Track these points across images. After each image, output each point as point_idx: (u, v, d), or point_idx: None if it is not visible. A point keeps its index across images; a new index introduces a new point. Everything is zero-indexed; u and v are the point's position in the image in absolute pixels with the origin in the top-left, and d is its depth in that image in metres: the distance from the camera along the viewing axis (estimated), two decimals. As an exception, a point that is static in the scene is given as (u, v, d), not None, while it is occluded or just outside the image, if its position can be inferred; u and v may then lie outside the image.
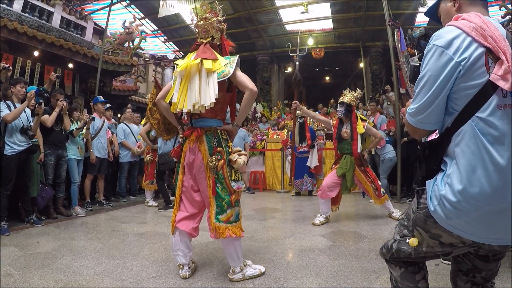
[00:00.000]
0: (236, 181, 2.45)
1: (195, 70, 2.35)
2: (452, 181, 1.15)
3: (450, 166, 1.18)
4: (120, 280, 2.48)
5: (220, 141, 2.47)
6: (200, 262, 2.88)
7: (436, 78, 1.17)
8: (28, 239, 3.58)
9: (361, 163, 4.49)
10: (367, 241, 3.51)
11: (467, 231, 1.17)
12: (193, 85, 2.32)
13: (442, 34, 1.19)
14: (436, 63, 1.18)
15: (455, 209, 1.14)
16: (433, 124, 1.27)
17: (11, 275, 2.51)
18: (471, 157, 1.11)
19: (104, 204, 5.84)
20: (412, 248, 1.34)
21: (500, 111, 1.10)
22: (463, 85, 1.15)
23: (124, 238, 3.70)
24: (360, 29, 11.66)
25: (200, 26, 2.58)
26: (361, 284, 2.39)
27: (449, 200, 1.15)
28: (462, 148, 1.14)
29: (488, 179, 1.08)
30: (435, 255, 1.35)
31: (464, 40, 1.14)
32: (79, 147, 5.22)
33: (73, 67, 8.90)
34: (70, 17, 9.80)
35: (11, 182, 3.91)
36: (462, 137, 1.15)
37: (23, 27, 7.21)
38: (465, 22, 1.18)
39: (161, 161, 5.55)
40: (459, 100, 1.17)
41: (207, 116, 2.46)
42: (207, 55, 2.38)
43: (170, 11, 9.95)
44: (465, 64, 1.12)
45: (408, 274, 1.43)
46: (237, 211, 2.49)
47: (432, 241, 1.29)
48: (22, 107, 3.98)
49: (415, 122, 1.29)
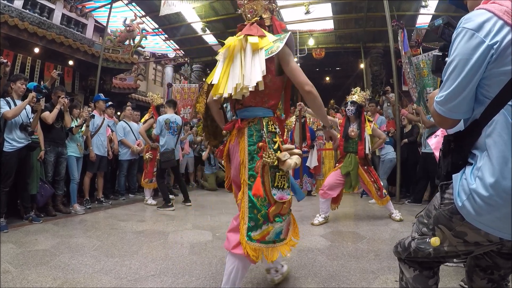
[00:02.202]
0: (279, 188, 1.89)
1: (239, 48, 1.98)
2: (483, 174, 1.09)
3: (481, 158, 1.12)
4: (119, 278, 2.48)
5: (264, 135, 1.93)
6: (199, 261, 2.88)
7: (466, 62, 1.10)
8: (27, 236, 3.57)
9: (365, 162, 4.50)
10: (366, 242, 3.51)
11: (496, 227, 1.11)
12: (236, 65, 1.94)
13: (472, 17, 1.12)
14: (466, 46, 1.10)
15: (487, 204, 1.08)
16: (464, 112, 1.18)
17: (9, 272, 2.51)
18: (503, 148, 1.05)
19: (103, 202, 5.83)
20: (432, 247, 1.28)
21: None
22: (495, 70, 1.08)
23: (123, 236, 3.69)
24: (361, 30, 11.64)
25: (246, 6, 2.26)
26: (359, 285, 2.40)
27: (480, 195, 1.08)
28: (495, 138, 1.08)
29: None
30: (456, 254, 1.29)
31: (495, 23, 1.07)
32: (78, 144, 5.22)
33: (73, 65, 8.90)
34: (71, 14, 9.79)
35: (10, 178, 3.91)
36: (494, 127, 1.09)
37: (24, 24, 7.21)
38: (496, 5, 1.10)
39: (163, 159, 5.55)
40: (491, 87, 1.10)
41: (251, 104, 1.99)
42: (253, 32, 2.02)
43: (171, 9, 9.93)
44: (497, 47, 1.05)
45: (422, 278, 1.38)
46: (278, 229, 1.88)
47: (456, 240, 1.23)
48: (23, 104, 3.97)
49: (444, 111, 1.20)
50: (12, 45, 7.36)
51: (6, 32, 6.89)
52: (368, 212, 5.13)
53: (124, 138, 6.42)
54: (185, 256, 3.04)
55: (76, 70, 9.22)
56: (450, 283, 2.40)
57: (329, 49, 12.98)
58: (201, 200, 6.55)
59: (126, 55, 10.00)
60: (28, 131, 4.05)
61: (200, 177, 9.13)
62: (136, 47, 10.36)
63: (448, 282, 2.42)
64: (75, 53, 8.55)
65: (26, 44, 7.56)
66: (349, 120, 4.60)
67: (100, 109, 5.94)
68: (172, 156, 5.57)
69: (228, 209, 5.54)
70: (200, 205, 5.93)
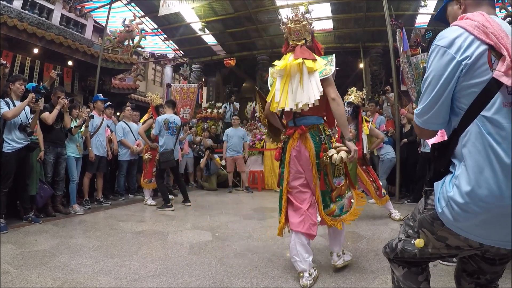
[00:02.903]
0: (337, 177, 2.54)
1: (296, 69, 2.43)
2: (460, 182, 1.13)
3: (459, 167, 1.17)
4: (118, 279, 2.48)
5: (325, 137, 2.53)
6: (199, 261, 2.88)
7: (439, 77, 1.17)
8: (26, 236, 3.57)
9: (364, 162, 4.50)
10: (365, 241, 3.52)
11: (475, 233, 1.15)
12: (295, 84, 2.41)
13: (445, 34, 1.20)
14: (439, 62, 1.18)
15: (463, 211, 1.12)
16: (439, 124, 1.27)
17: (9, 273, 2.51)
18: (478, 157, 1.10)
19: (103, 203, 5.83)
20: (417, 249, 1.33)
21: (506, 108, 1.08)
22: (466, 83, 1.14)
23: (123, 237, 3.69)
24: (360, 29, 11.64)
25: (292, 28, 2.67)
26: (359, 284, 2.40)
27: (457, 202, 1.13)
28: (469, 148, 1.13)
29: (496, 179, 1.06)
30: (441, 256, 1.34)
31: (466, 38, 1.14)
32: (78, 145, 5.22)
33: (72, 65, 8.88)
34: (70, 15, 9.78)
35: (9, 179, 3.90)
36: (468, 137, 1.14)
37: (23, 24, 7.19)
38: (467, 21, 1.18)
39: (162, 159, 5.54)
40: (464, 99, 1.16)
41: (309, 114, 2.49)
42: (307, 55, 2.46)
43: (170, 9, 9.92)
44: (467, 62, 1.12)
45: (411, 275, 1.42)
46: (341, 205, 2.54)
47: (439, 243, 1.28)
48: (22, 105, 3.96)
49: (421, 122, 1.30)
50: (11, 46, 7.35)
51: (5, 32, 6.88)
52: (368, 211, 5.13)
53: (124, 138, 6.41)
54: (185, 256, 3.04)
55: (75, 70, 9.20)
56: (450, 283, 2.40)
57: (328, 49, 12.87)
58: (200, 201, 6.55)
59: (125, 55, 9.99)
60: (27, 132, 4.05)
61: (199, 177, 9.12)
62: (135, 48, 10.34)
63: (448, 282, 2.42)
64: (74, 54, 8.54)
65: (25, 45, 7.54)
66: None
67: (99, 110, 5.94)
68: (171, 156, 5.57)
69: (228, 209, 5.54)
70: (199, 205, 5.93)
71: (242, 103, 12.48)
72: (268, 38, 12.75)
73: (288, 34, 2.74)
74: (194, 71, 14.66)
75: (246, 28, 12.05)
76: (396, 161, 6.06)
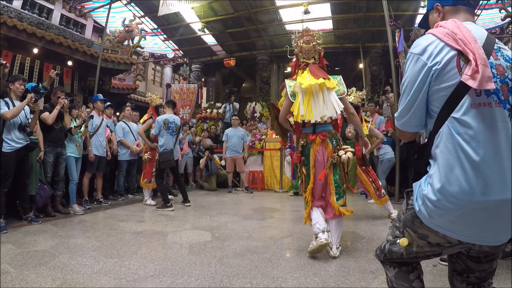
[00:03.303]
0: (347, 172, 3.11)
1: (318, 88, 3.00)
2: (433, 180, 1.20)
3: (433, 167, 1.23)
4: (118, 279, 2.47)
5: (338, 141, 3.14)
6: (198, 261, 2.88)
7: (413, 83, 1.25)
8: (26, 236, 3.57)
9: (363, 163, 4.50)
10: (365, 242, 3.52)
11: (451, 229, 1.20)
12: (319, 100, 3.00)
13: (419, 42, 1.28)
14: (413, 69, 1.26)
15: (436, 207, 1.18)
16: (415, 126, 1.35)
17: (8, 273, 2.51)
18: (448, 156, 1.16)
19: (102, 203, 5.83)
20: (403, 248, 1.37)
21: (474, 110, 1.14)
22: (437, 87, 1.21)
23: (122, 237, 3.69)
24: (360, 30, 11.64)
25: (304, 48, 3.21)
26: (359, 284, 2.40)
27: (430, 199, 1.19)
28: (441, 148, 1.20)
29: (466, 177, 1.11)
30: (426, 255, 1.37)
31: (437, 45, 1.22)
32: (77, 145, 5.21)
33: (72, 65, 8.88)
34: (69, 15, 9.78)
35: (9, 179, 3.90)
36: (440, 138, 1.20)
37: (23, 24, 7.19)
38: (440, 29, 1.26)
39: (161, 159, 5.54)
40: (436, 102, 1.23)
41: (328, 122, 3.10)
42: (324, 75, 3.06)
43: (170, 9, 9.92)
44: (437, 67, 1.19)
45: (402, 274, 1.45)
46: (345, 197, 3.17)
47: (421, 242, 1.32)
48: (22, 105, 3.96)
49: (400, 125, 1.38)
50: (11, 46, 7.34)
51: (5, 32, 6.87)
52: (367, 212, 5.14)
53: (124, 138, 6.41)
54: (184, 256, 3.04)
55: (75, 70, 9.20)
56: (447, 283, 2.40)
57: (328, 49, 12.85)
58: (200, 201, 6.55)
59: (125, 55, 9.99)
60: (26, 132, 4.05)
61: (199, 178, 9.12)
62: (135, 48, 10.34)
63: (446, 282, 2.41)
64: (74, 54, 8.53)
65: (25, 45, 7.54)
66: (345, 121, 4.61)
67: (98, 110, 5.94)
68: (171, 156, 5.57)
69: (227, 210, 5.54)
70: (199, 206, 5.93)
71: (241, 103, 12.49)
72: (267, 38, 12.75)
73: (299, 52, 3.24)
74: (194, 71, 14.66)
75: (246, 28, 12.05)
76: (396, 161, 6.06)
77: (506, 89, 1.16)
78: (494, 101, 1.14)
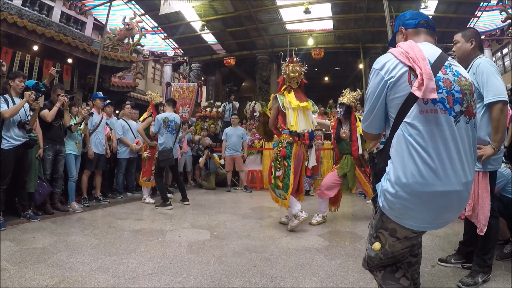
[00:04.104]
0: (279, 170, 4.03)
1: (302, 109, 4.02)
2: (390, 176, 1.41)
3: (389, 165, 1.44)
4: (116, 277, 2.47)
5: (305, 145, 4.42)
6: (197, 260, 2.88)
7: (374, 93, 1.49)
8: (24, 234, 3.57)
9: (361, 163, 4.50)
10: (364, 242, 3.52)
11: (411, 218, 1.39)
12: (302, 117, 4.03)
13: (380, 60, 1.50)
14: (374, 81, 1.49)
15: (396, 198, 1.38)
16: (376, 129, 1.59)
17: (6, 270, 2.50)
18: (402, 154, 1.38)
19: (101, 200, 5.82)
20: (378, 252, 1.52)
21: (422, 115, 1.35)
22: (392, 97, 1.43)
23: (121, 235, 3.69)
24: (360, 30, 11.66)
25: (291, 76, 4.05)
26: (357, 285, 2.40)
27: (390, 192, 1.40)
28: (395, 148, 1.41)
29: (417, 169, 1.33)
30: (401, 253, 1.54)
31: (393, 62, 1.43)
32: (77, 142, 5.21)
33: (72, 62, 8.88)
34: (70, 12, 9.77)
35: (8, 176, 3.89)
36: (395, 140, 1.42)
37: (23, 21, 7.18)
38: (397, 49, 1.47)
39: (161, 158, 5.54)
40: (392, 109, 1.45)
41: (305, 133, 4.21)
42: (305, 99, 4.07)
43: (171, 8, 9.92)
44: (392, 81, 1.41)
45: (388, 274, 1.56)
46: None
47: (392, 239, 1.48)
48: (21, 103, 3.95)
49: (364, 127, 1.63)
50: (11, 43, 7.34)
51: (5, 29, 6.87)
52: (366, 212, 5.14)
53: (123, 136, 6.40)
54: (183, 255, 3.04)
55: (75, 68, 9.20)
56: (447, 283, 2.41)
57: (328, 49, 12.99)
58: (199, 199, 6.55)
59: (125, 53, 9.99)
60: (26, 129, 4.04)
61: (198, 176, 9.12)
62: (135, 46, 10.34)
63: (445, 282, 2.43)
64: (74, 51, 8.53)
65: (25, 42, 7.54)
66: (340, 122, 4.63)
67: (98, 107, 5.92)
68: (170, 154, 5.56)
69: (226, 208, 5.54)
70: (198, 204, 5.93)
71: (241, 102, 12.48)
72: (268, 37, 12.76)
73: (287, 78, 4.09)
74: (194, 70, 14.65)
75: (246, 28, 12.06)
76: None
77: (451, 99, 1.37)
78: (440, 109, 1.35)
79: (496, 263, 2.71)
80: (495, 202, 2.43)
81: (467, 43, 2.51)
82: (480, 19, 10.42)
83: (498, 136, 2.25)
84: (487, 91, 2.26)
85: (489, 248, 2.41)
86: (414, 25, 1.64)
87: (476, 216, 2.35)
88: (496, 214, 2.43)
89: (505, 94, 2.22)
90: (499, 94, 2.21)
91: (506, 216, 2.88)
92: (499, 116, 2.21)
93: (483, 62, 2.35)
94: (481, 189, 2.33)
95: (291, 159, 3.95)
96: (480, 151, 2.29)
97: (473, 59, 2.44)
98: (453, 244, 3.25)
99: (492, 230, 2.37)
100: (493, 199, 2.36)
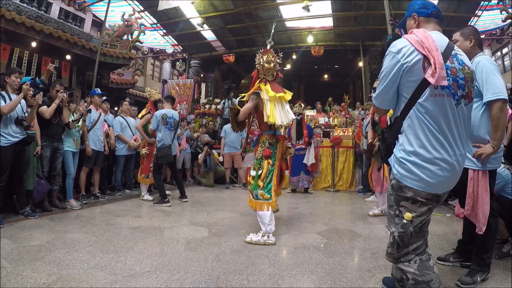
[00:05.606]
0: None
1: (279, 99, 3.64)
2: (404, 146, 1.65)
3: (401, 138, 1.68)
4: (114, 274, 2.47)
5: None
6: (195, 258, 2.87)
7: (389, 73, 1.65)
8: (22, 231, 3.55)
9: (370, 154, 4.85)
10: (362, 240, 3.52)
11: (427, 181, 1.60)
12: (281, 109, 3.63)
13: (396, 44, 1.66)
14: (390, 63, 1.65)
15: (412, 164, 1.62)
16: (388, 105, 1.77)
17: (3, 268, 2.49)
18: (414, 128, 1.62)
19: (99, 198, 5.80)
20: (410, 224, 1.64)
21: (432, 98, 1.58)
22: (406, 79, 1.62)
23: (119, 232, 3.68)
24: (360, 28, 11.63)
25: (265, 67, 3.76)
26: (355, 283, 2.40)
27: (405, 159, 1.64)
28: (408, 123, 1.64)
29: (428, 141, 1.59)
30: (426, 219, 1.68)
31: (409, 49, 1.60)
32: (75, 139, 5.18)
33: (70, 59, 8.84)
34: (69, 8, 9.73)
35: (5, 173, 3.87)
36: (409, 116, 1.63)
37: (21, 18, 7.14)
38: (412, 36, 1.64)
39: (159, 154, 5.52)
40: (406, 89, 1.64)
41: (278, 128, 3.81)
42: (283, 90, 3.75)
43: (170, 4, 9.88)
44: (408, 65, 1.59)
45: (424, 264, 1.66)
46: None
47: (415, 206, 1.66)
48: (18, 99, 3.93)
49: (377, 103, 1.81)
50: (9, 39, 7.30)
51: (3, 25, 6.82)
52: (365, 210, 5.14)
53: (121, 133, 6.38)
54: (181, 252, 3.03)
55: (74, 64, 9.16)
56: (446, 282, 2.41)
57: (328, 46, 12.98)
58: (197, 196, 6.54)
59: (124, 50, 9.94)
60: (23, 125, 4.01)
61: (197, 173, 9.11)
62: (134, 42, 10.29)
63: (444, 282, 2.42)
64: (73, 48, 8.48)
65: (23, 38, 7.49)
66: None
67: (96, 104, 5.90)
68: (169, 151, 5.55)
69: (225, 206, 5.53)
70: (196, 201, 5.92)
71: (240, 100, 12.45)
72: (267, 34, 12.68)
73: (262, 69, 3.80)
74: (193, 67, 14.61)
75: (246, 25, 12.02)
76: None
77: (456, 85, 1.61)
78: (446, 93, 1.59)
79: (495, 262, 2.71)
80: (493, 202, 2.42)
81: (466, 41, 2.50)
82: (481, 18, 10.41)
83: (497, 135, 2.23)
84: (486, 89, 2.24)
85: (488, 247, 2.40)
86: (426, 14, 1.80)
87: (475, 215, 2.34)
88: (496, 213, 2.43)
89: (505, 92, 2.20)
90: (498, 92, 2.19)
91: (504, 217, 2.88)
92: (498, 114, 2.19)
93: (483, 60, 2.34)
94: (480, 188, 2.32)
95: (276, 158, 3.71)
96: (480, 150, 2.28)
97: (472, 57, 2.42)
98: (451, 242, 3.25)
99: (491, 229, 2.36)
100: (492, 198, 2.36)
